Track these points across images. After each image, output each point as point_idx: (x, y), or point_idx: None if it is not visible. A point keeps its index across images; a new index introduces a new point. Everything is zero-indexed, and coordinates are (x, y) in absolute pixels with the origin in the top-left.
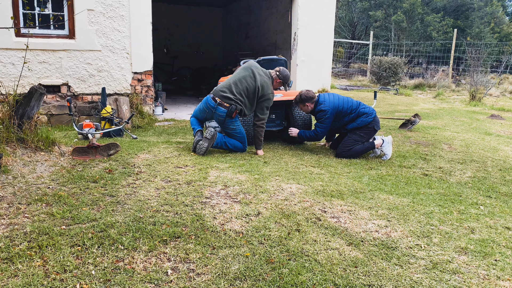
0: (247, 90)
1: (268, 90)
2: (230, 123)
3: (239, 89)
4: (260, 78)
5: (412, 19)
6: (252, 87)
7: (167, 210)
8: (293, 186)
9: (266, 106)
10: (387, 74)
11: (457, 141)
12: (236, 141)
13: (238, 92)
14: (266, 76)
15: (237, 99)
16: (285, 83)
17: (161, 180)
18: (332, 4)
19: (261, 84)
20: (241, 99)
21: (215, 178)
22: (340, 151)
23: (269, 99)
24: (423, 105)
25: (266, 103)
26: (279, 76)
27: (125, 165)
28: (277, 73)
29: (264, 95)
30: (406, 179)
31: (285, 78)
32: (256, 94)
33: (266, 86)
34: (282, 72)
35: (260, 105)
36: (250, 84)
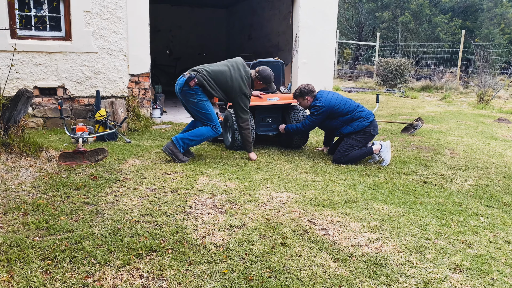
0: (219, 82)
1: (242, 91)
2: (190, 95)
3: (211, 74)
4: (235, 78)
5: (420, 20)
6: (223, 83)
7: (148, 221)
8: (283, 194)
9: (243, 105)
10: (393, 76)
11: (461, 146)
12: (199, 129)
13: (208, 72)
14: (244, 76)
15: (202, 72)
16: (267, 83)
17: (146, 187)
18: (334, 5)
19: (233, 85)
20: (209, 78)
21: (203, 186)
22: (337, 156)
23: (242, 99)
24: (428, 107)
25: (241, 103)
26: (258, 77)
27: (112, 171)
28: (256, 74)
29: (236, 96)
30: (404, 187)
31: (265, 78)
32: (229, 91)
33: (238, 87)
34: (262, 73)
35: (236, 105)
36: (223, 80)
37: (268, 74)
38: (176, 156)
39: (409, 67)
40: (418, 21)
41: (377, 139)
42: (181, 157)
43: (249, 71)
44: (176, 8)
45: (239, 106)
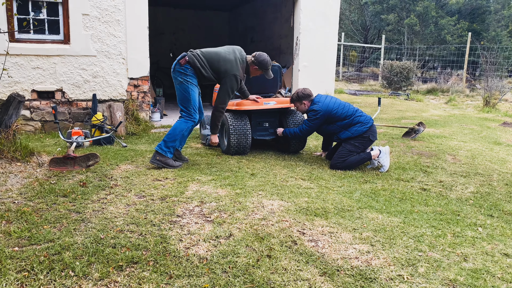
0: (211, 60)
1: (231, 71)
2: (179, 74)
3: (204, 53)
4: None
5: (426, 22)
6: (215, 62)
7: (132, 230)
8: (275, 202)
9: (229, 87)
10: (398, 79)
11: (463, 152)
12: (173, 127)
13: (202, 52)
14: (239, 59)
15: (195, 51)
16: (263, 69)
17: (134, 195)
18: (336, 8)
19: (225, 64)
20: (201, 57)
21: (193, 193)
22: (334, 162)
23: (230, 80)
24: (433, 111)
25: (228, 84)
26: (254, 62)
27: (102, 178)
28: (252, 59)
29: (225, 76)
30: (402, 195)
31: (261, 63)
32: (220, 70)
33: (230, 67)
34: (258, 57)
35: (222, 86)
36: (215, 59)
37: (264, 59)
38: (166, 164)
39: (414, 70)
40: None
41: (377, 144)
42: (171, 163)
43: (245, 56)
44: (179, 11)
45: (224, 88)
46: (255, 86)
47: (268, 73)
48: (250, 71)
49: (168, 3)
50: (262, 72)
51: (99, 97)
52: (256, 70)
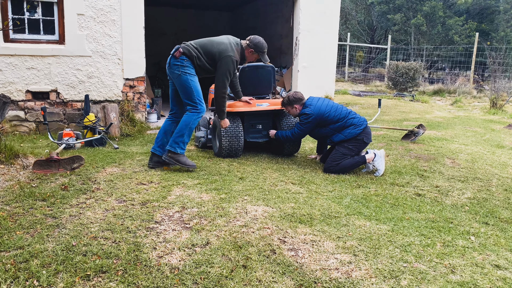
0: (205, 47)
1: (225, 53)
2: (176, 67)
3: (197, 42)
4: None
5: (433, 22)
6: (209, 47)
7: (106, 237)
8: (259, 208)
9: (226, 70)
10: (403, 80)
11: (463, 155)
12: (181, 122)
13: (195, 42)
14: (233, 43)
15: (188, 44)
16: (260, 52)
17: (115, 199)
18: (336, 7)
19: (219, 47)
20: (194, 45)
21: (175, 198)
22: (328, 165)
23: (227, 62)
24: (437, 113)
25: (224, 67)
26: (249, 45)
27: (85, 181)
28: (247, 42)
29: (221, 59)
30: (394, 200)
31: (257, 45)
32: (214, 54)
33: (225, 49)
34: (253, 40)
35: (219, 71)
36: (209, 45)
37: (260, 41)
38: (178, 161)
39: (420, 71)
40: (431, 24)
41: (375, 146)
42: (184, 160)
43: (240, 40)
44: (181, 11)
45: (221, 72)
46: (249, 87)
47: (265, 56)
48: (246, 55)
49: (170, 3)
50: (258, 56)
51: (94, 98)
52: (251, 54)
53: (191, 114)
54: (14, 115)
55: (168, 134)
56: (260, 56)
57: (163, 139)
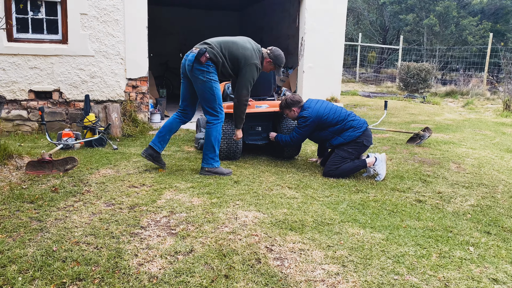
0: (230, 50)
1: (251, 60)
2: (200, 73)
3: (221, 44)
4: (247, 47)
5: (447, 23)
6: (234, 51)
7: (88, 243)
8: (250, 214)
9: (250, 77)
10: (415, 81)
11: (469, 160)
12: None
13: (219, 42)
14: (256, 49)
15: (212, 43)
16: (277, 65)
17: (103, 202)
18: (343, 7)
19: (244, 53)
20: (220, 48)
21: (165, 202)
22: (327, 169)
23: (251, 70)
24: (447, 115)
25: (248, 74)
26: (269, 55)
27: (77, 183)
28: (268, 51)
29: (245, 66)
30: (393, 207)
31: (277, 58)
32: (239, 60)
33: (250, 55)
34: (274, 51)
35: (242, 77)
36: (234, 48)
37: (280, 54)
38: (216, 172)
39: (432, 72)
40: (445, 24)
41: (378, 150)
42: (221, 171)
43: (260, 47)
44: (189, 10)
45: (245, 78)
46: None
47: (280, 71)
48: (264, 64)
49: (177, 3)
50: (274, 68)
51: (96, 98)
52: (269, 64)
53: (214, 127)
54: (17, 115)
55: (173, 132)
56: (276, 69)
57: (166, 136)
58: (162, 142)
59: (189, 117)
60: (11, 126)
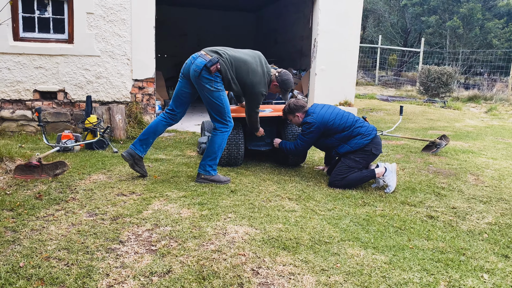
0: (240, 72)
1: (258, 88)
2: (207, 81)
3: (233, 61)
4: (257, 72)
5: (471, 25)
6: (244, 75)
7: (60, 258)
8: (241, 229)
9: (257, 102)
10: (435, 85)
11: (489, 171)
12: (210, 142)
13: (231, 58)
14: (266, 73)
15: (225, 56)
16: (283, 90)
17: (86, 212)
18: (358, 8)
19: (253, 80)
20: (231, 66)
21: (151, 213)
22: (333, 179)
23: (257, 97)
24: (468, 121)
25: (255, 101)
26: (277, 79)
27: (64, 189)
28: (276, 74)
29: (252, 93)
30: (401, 223)
31: (283, 83)
32: (247, 85)
33: (258, 82)
34: (282, 75)
35: (250, 101)
36: (244, 72)
37: (288, 79)
38: (213, 180)
39: (455, 76)
40: (469, 27)
41: (392, 158)
42: (218, 179)
43: (270, 69)
44: (204, 11)
45: (250, 103)
46: None
47: (286, 95)
48: (270, 86)
49: (193, 3)
50: (280, 91)
51: (102, 99)
52: (275, 87)
53: (221, 134)
54: (21, 115)
55: (157, 135)
56: (282, 93)
57: (149, 140)
58: (144, 146)
59: (177, 119)
60: (15, 126)
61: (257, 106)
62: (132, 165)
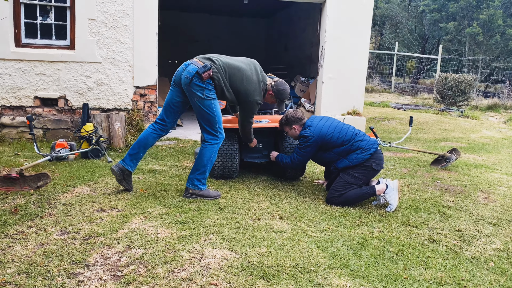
0: (234, 80)
1: (252, 97)
2: (198, 89)
3: (227, 68)
4: (252, 81)
5: (491, 32)
6: (238, 83)
7: (17, 284)
8: (220, 253)
9: (251, 112)
10: (452, 93)
11: (502, 189)
12: (199, 156)
13: (225, 64)
14: (261, 81)
15: (218, 63)
16: (279, 100)
17: (59, 230)
18: (368, 14)
19: (247, 88)
20: (224, 73)
21: (127, 233)
22: (330, 196)
23: (252, 106)
24: (485, 132)
25: (250, 110)
26: (272, 88)
27: (43, 203)
28: (271, 84)
29: (247, 102)
30: (399, 248)
31: (279, 92)
32: (241, 94)
33: (253, 91)
34: (279, 85)
35: (244, 111)
36: (238, 79)
37: (284, 89)
38: (201, 195)
39: (473, 84)
40: (489, 33)
41: (398, 173)
42: (207, 193)
43: (266, 77)
44: (215, 17)
45: (244, 113)
46: None
47: (282, 106)
48: (265, 96)
49: (203, 9)
50: (275, 101)
51: (102, 106)
52: (271, 97)
53: (211, 147)
54: (22, 121)
55: (148, 148)
56: (278, 104)
57: (140, 154)
58: (134, 161)
59: (167, 130)
60: (16, 133)
61: (251, 116)
62: (119, 180)
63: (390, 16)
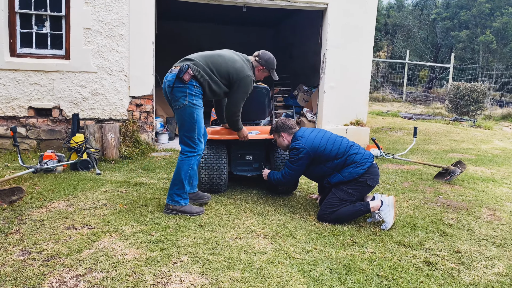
0: (218, 64)
1: (244, 72)
2: (181, 95)
3: (207, 58)
4: (236, 59)
5: (505, 40)
6: (223, 65)
7: None
8: (188, 278)
9: (244, 91)
10: (464, 102)
11: (509, 205)
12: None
13: (204, 57)
14: (245, 59)
15: (196, 59)
16: (270, 69)
17: (21, 249)
18: (371, 21)
19: (235, 66)
20: (206, 63)
21: (92, 254)
22: (322, 212)
23: (245, 82)
24: (497, 142)
25: (242, 88)
26: (259, 62)
27: (13, 219)
28: (256, 58)
29: (239, 79)
30: (389, 272)
31: (268, 62)
32: (230, 74)
33: (241, 67)
34: (263, 56)
35: (235, 92)
36: (222, 62)
37: (270, 57)
38: (183, 212)
39: (486, 93)
40: (503, 41)
41: (398, 187)
42: (189, 209)
43: (247, 56)
44: (221, 27)
45: (236, 93)
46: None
47: (274, 73)
48: (256, 73)
49: (208, 19)
50: (268, 73)
51: (97, 116)
52: (262, 72)
53: (188, 160)
54: None
55: None
56: (271, 73)
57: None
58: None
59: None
60: (9, 143)
61: (243, 96)
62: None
63: (401, 25)
